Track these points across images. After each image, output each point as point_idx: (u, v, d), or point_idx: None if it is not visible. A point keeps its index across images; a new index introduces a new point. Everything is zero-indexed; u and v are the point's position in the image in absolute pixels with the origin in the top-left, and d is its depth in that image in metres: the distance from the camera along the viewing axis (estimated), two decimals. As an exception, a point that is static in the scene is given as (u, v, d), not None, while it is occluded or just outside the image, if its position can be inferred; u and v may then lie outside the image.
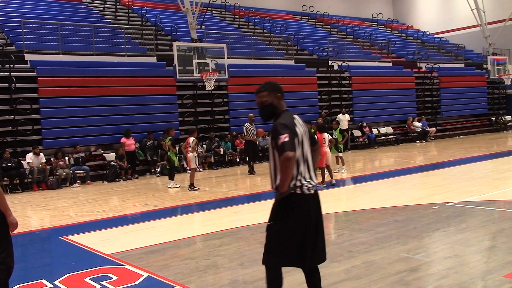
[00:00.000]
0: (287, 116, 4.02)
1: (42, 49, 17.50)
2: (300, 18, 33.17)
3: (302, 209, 3.94)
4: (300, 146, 3.95)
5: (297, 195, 3.93)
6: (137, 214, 10.37)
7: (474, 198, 9.64)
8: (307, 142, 4.05)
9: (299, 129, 3.97)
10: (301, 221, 3.93)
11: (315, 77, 22.97)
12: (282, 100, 4.16)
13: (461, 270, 5.42)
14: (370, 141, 22.94)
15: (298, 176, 3.93)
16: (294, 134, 3.90)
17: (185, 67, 17.32)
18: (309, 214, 3.96)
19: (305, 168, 3.98)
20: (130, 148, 16.49)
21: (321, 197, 4.15)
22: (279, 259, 4.00)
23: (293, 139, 3.85)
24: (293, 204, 3.93)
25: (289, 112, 4.10)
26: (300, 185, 3.93)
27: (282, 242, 3.96)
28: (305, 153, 4.01)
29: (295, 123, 3.98)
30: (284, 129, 3.85)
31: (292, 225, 3.93)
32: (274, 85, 4.22)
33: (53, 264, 7.04)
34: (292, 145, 3.81)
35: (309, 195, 3.97)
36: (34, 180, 14.61)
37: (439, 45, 34.58)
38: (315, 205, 4.05)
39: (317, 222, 4.06)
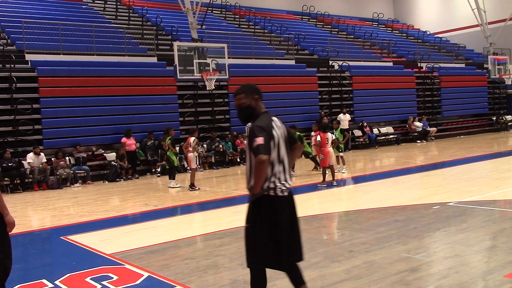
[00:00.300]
0: (265, 118, 4.02)
1: (42, 49, 17.52)
2: (300, 18, 33.17)
3: (275, 211, 3.95)
4: (276, 148, 3.96)
5: (270, 197, 3.95)
6: (138, 214, 10.37)
7: (475, 198, 9.63)
8: (284, 144, 4.06)
9: (276, 131, 3.98)
10: (274, 222, 3.94)
11: (315, 77, 22.98)
12: (260, 102, 4.16)
13: (461, 270, 5.42)
14: (370, 141, 22.93)
15: (272, 178, 3.95)
16: (270, 136, 3.91)
17: (186, 67, 17.33)
18: (282, 216, 3.97)
19: (280, 170, 3.99)
20: (131, 148, 16.50)
21: (320, 197, 4.16)
22: (257, 260, 4.03)
23: (269, 142, 3.87)
24: (266, 206, 3.95)
25: (268, 113, 4.11)
26: (274, 187, 3.95)
27: (257, 244, 3.99)
28: (281, 155, 4.01)
29: (272, 125, 3.99)
30: (260, 131, 3.86)
31: (265, 227, 3.95)
32: (251, 87, 4.22)
33: (53, 264, 7.04)
34: (266, 148, 3.82)
35: (282, 197, 3.98)
36: (35, 180, 14.62)
37: (440, 45, 34.57)
38: (289, 206, 4.06)
39: (292, 223, 4.08)
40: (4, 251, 4.54)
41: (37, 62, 16.67)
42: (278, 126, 4.05)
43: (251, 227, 4.03)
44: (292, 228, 4.07)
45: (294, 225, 4.11)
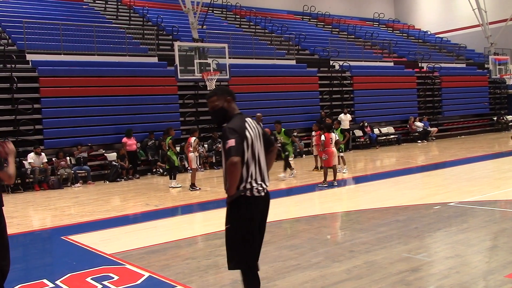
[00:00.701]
0: (238, 120, 4.03)
1: (43, 49, 17.53)
2: (301, 18, 33.17)
3: (251, 211, 3.99)
4: (250, 149, 3.97)
5: (246, 197, 3.97)
6: (138, 214, 10.38)
7: (476, 198, 9.63)
8: (259, 145, 4.07)
9: (249, 132, 3.99)
10: (250, 223, 3.99)
11: (316, 77, 22.97)
12: (233, 103, 4.18)
13: (462, 270, 5.42)
14: (371, 141, 22.92)
15: (248, 178, 3.97)
16: (243, 138, 3.92)
17: (187, 67, 17.34)
18: (256, 217, 4.03)
19: (256, 170, 4.01)
20: (132, 148, 16.51)
21: (321, 197, 4.18)
22: (238, 261, 4.04)
23: (240, 143, 3.88)
24: (242, 206, 3.98)
25: (242, 115, 4.13)
26: (250, 187, 3.97)
27: (237, 244, 4.01)
28: (256, 156, 4.02)
29: (245, 126, 4.00)
30: (232, 133, 3.89)
31: (243, 227, 3.98)
32: (223, 89, 4.28)
33: (54, 264, 7.05)
34: (237, 150, 3.84)
35: (258, 197, 4.02)
36: (36, 180, 14.63)
37: (441, 45, 34.55)
38: (264, 208, 4.11)
39: (262, 225, 4.14)
40: (1, 253, 4.53)
41: (38, 62, 16.67)
42: (252, 127, 4.06)
43: (230, 227, 4.05)
44: (260, 229, 4.13)
45: (262, 226, 4.17)
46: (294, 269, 5.78)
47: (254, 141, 4.02)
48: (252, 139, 4.00)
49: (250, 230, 3.98)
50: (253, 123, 4.10)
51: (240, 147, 3.88)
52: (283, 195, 11.69)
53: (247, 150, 3.95)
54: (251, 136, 3.99)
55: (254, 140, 4.01)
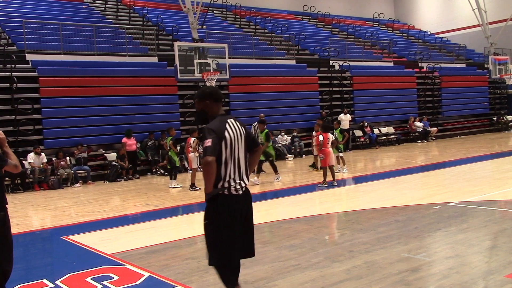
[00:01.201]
0: (218, 121, 4.16)
1: (43, 49, 17.52)
2: (301, 18, 33.17)
3: (228, 209, 4.10)
4: (228, 149, 4.09)
5: (223, 195, 4.10)
6: (138, 214, 10.38)
7: (475, 198, 9.63)
8: (241, 145, 4.19)
9: (229, 133, 4.10)
10: (228, 220, 4.09)
11: (316, 77, 22.97)
12: (215, 105, 4.27)
13: (462, 270, 5.42)
14: (371, 141, 22.92)
15: (227, 177, 4.09)
16: (220, 138, 4.04)
17: (186, 67, 17.33)
18: (235, 214, 4.13)
19: (235, 169, 4.13)
20: (131, 148, 16.51)
21: (321, 197, 4.19)
22: (216, 256, 4.16)
23: (217, 144, 4.00)
24: (220, 205, 4.10)
25: (224, 116, 4.25)
26: (228, 186, 4.09)
27: (214, 240, 4.13)
28: (236, 155, 4.14)
29: (225, 127, 4.11)
30: (209, 133, 4.03)
31: (219, 225, 4.10)
32: (202, 93, 4.33)
33: (54, 264, 7.05)
34: (213, 150, 3.97)
35: (236, 195, 4.14)
36: (36, 180, 14.63)
37: (440, 45, 34.55)
38: (243, 205, 4.21)
39: (246, 221, 4.24)
40: (4, 254, 4.53)
41: (38, 62, 16.67)
42: (234, 127, 4.18)
43: (207, 223, 4.17)
44: (246, 225, 4.25)
45: (248, 223, 4.28)
46: (294, 269, 5.78)
47: (234, 142, 4.13)
48: (232, 139, 4.11)
49: (228, 227, 4.09)
50: (235, 124, 4.21)
51: (216, 147, 4.00)
52: (283, 195, 11.70)
53: (225, 150, 4.07)
54: (231, 137, 4.11)
55: (234, 141, 4.13)
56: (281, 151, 19.52)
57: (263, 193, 12.14)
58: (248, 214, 4.28)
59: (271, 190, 12.48)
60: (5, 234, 4.57)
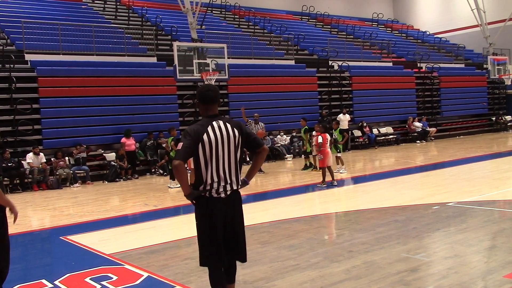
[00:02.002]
0: (200, 123, 4.16)
1: (42, 49, 17.50)
2: (300, 18, 33.17)
3: (205, 211, 4.15)
4: (208, 152, 4.06)
5: (203, 197, 4.15)
6: (137, 214, 10.38)
7: (474, 198, 9.64)
8: (226, 147, 4.12)
9: (210, 135, 4.06)
10: (206, 222, 4.16)
11: (315, 77, 22.98)
12: (202, 106, 4.26)
13: (461, 270, 5.42)
14: (370, 141, 22.93)
15: (208, 180, 4.11)
16: (196, 141, 4.02)
17: (185, 67, 17.31)
18: (214, 216, 4.14)
19: (218, 172, 4.11)
20: (130, 148, 16.50)
21: (320, 197, 4.20)
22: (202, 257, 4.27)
23: (188, 147, 4.00)
24: (201, 206, 4.19)
25: (212, 118, 4.18)
26: (209, 189, 4.11)
27: (199, 242, 4.26)
28: (220, 159, 4.11)
29: (206, 130, 4.07)
30: (183, 137, 4.08)
31: (200, 226, 4.22)
32: (198, 93, 4.34)
33: (53, 264, 7.04)
34: (182, 154, 3.98)
35: (217, 198, 4.14)
36: (34, 180, 14.61)
37: (439, 45, 34.57)
38: (225, 208, 4.19)
39: (231, 224, 4.23)
40: (1, 255, 4.53)
41: (37, 62, 16.66)
42: (219, 130, 4.12)
43: (196, 226, 4.26)
44: (228, 229, 4.22)
45: (234, 226, 4.25)
46: (293, 269, 5.78)
47: (217, 144, 4.08)
48: (212, 142, 4.06)
49: (208, 230, 4.15)
50: (222, 126, 4.15)
51: (188, 151, 4.01)
52: (283, 195, 11.69)
53: (204, 153, 4.06)
54: (211, 140, 4.06)
55: (215, 144, 4.08)
56: (280, 151, 19.53)
57: (262, 193, 12.14)
58: (233, 218, 4.25)
59: (271, 190, 12.48)
60: (3, 235, 4.57)
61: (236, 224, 4.27)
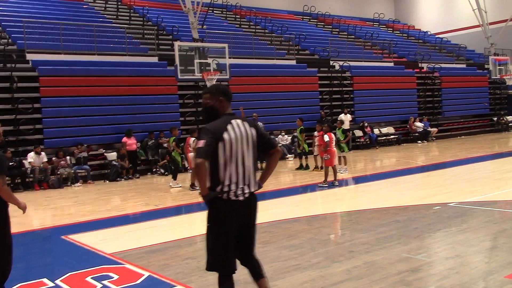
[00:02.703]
0: (219, 121, 4.00)
1: (43, 48, 17.53)
2: (301, 18, 33.17)
3: (224, 215, 3.94)
4: (228, 151, 3.90)
5: (221, 200, 3.93)
6: (138, 214, 10.38)
7: (476, 199, 9.63)
8: (246, 147, 3.99)
9: (230, 134, 3.92)
10: (221, 226, 3.94)
11: (316, 77, 22.97)
12: (226, 104, 4.14)
13: (462, 271, 5.42)
14: (371, 141, 22.92)
15: (226, 181, 3.91)
16: (217, 139, 3.86)
17: (187, 67, 17.33)
18: (231, 221, 3.95)
19: (237, 173, 3.94)
20: (132, 148, 16.51)
21: (321, 197, 4.18)
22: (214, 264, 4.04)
23: (209, 145, 3.83)
24: (217, 209, 3.96)
25: (229, 116, 4.08)
26: (227, 190, 3.92)
27: (210, 246, 4.02)
28: (239, 159, 3.95)
29: (226, 128, 3.93)
30: (204, 134, 3.88)
31: (215, 229, 3.98)
32: (218, 88, 4.21)
33: (54, 263, 7.05)
34: (204, 152, 3.81)
35: (235, 201, 3.94)
36: (36, 179, 14.63)
37: (441, 45, 34.55)
38: (243, 212, 4.02)
39: (247, 229, 4.09)
40: (3, 254, 4.55)
41: (38, 62, 16.67)
42: (238, 129, 3.99)
43: (207, 228, 4.05)
44: (244, 234, 4.08)
45: (250, 229, 4.12)
46: (294, 269, 5.78)
47: (236, 144, 3.93)
48: (232, 141, 3.91)
49: (222, 234, 3.94)
50: (241, 125, 4.03)
51: (209, 149, 3.83)
52: (284, 195, 11.69)
53: (224, 152, 3.89)
54: (231, 138, 3.91)
55: (236, 142, 3.93)
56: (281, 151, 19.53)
57: (263, 193, 12.12)
58: (249, 222, 4.10)
59: (272, 190, 12.48)
60: (6, 235, 4.59)
61: (250, 230, 4.13)
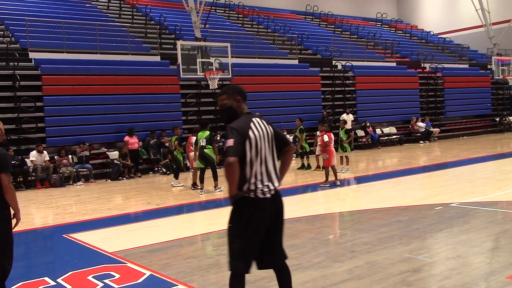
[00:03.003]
0: (242, 119, 3.99)
1: (46, 47, 17.56)
2: (304, 18, 33.15)
3: (253, 213, 3.90)
4: (254, 149, 3.90)
5: (249, 199, 3.91)
6: (140, 213, 10.39)
7: (478, 199, 9.61)
8: (267, 145, 4.00)
9: (254, 132, 3.92)
10: (252, 225, 3.90)
11: (318, 77, 22.95)
12: (243, 103, 4.14)
13: (464, 271, 5.41)
14: (373, 141, 22.91)
15: (252, 179, 3.90)
16: (244, 138, 3.87)
17: (189, 66, 17.34)
18: (262, 218, 3.93)
19: (262, 171, 3.94)
20: (133, 147, 16.53)
21: (322, 197, 4.17)
22: (239, 264, 3.96)
23: (239, 144, 3.83)
24: (245, 208, 3.92)
25: (250, 114, 4.08)
26: (254, 189, 3.90)
27: (237, 247, 3.94)
28: (262, 156, 3.95)
29: (250, 126, 3.94)
30: (232, 133, 3.86)
31: (241, 229, 3.92)
32: (234, 88, 4.20)
33: (56, 262, 7.07)
34: (235, 150, 3.79)
35: (263, 199, 3.93)
36: (38, 178, 14.66)
37: (443, 45, 34.50)
38: (271, 209, 4.00)
39: (275, 226, 4.04)
40: (5, 252, 4.57)
41: (41, 60, 16.69)
42: (259, 127, 3.99)
43: (232, 228, 3.99)
44: (272, 231, 4.04)
45: (277, 227, 4.08)
46: (295, 269, 5.76)
47: (260, 141, 3.94)
48: (257, 139, 3.92)
49: (250, 233, 3.90)
50: (261, 123, 4.03)
51: (239, 147, 3.83)
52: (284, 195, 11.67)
53: (250, 150, 3.89)
54: (256, 136, 3.92)
55: (259, 140, 3.94)
56: None
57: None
58: (277, 219, 4.05)
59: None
60: (8, 233, 4.61)
61: (277, 227, 4.08)
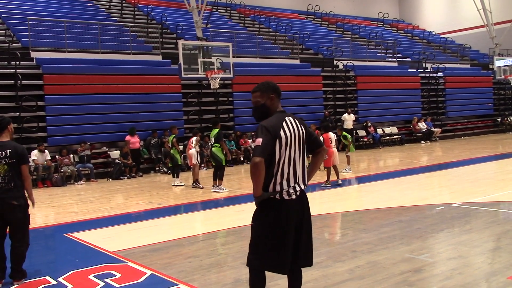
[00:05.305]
0: (274, 118, 3.91)
1: (48, 46, 17.56)
2: (305, 17, 33.15)
3: (278, 215, 3.85)
4: (284, 149, 3.83)
5: (275, 200, 3.86)
6: (141, 212, 10.40)
7: (479, 199, 9.61)
8: (298, 145, 3.93)
9: (285, 132, 3.85)
10: (278, 226, 3.84)
11: (320, 77, 22.94)
12: (277, 101, 4.05)
13: (465, 271, 5.41)
14: (374, 141, 22.89)
15: (278, 179, 3.84)
16: (275, 137, 3.78)
17: (190, 66, 17.34)
18: (287, 220, 3.86)
19: (289, 171, 3.87)
20: (135, 146, 16.53)
21: (324, 197, 4.17)
22: (257, 261, 3.95)
23: (268, 143, 3.75)
24: (270, 209, 3.87)
25: (283, 113, 4.00)
26: (280, 190, 3.84)
27: (260, 246, 3.91)
28: (292, 157, 3.88)
29: (282, 125, 3.86)
30: (261, 132, 3.78)
31: (268, 230, 3.87)
32: (268, 86, 4.07)
33: (57, 261, 7.07)
34: (262, 150, 3.72)
35: (289, 200, 3.87)
36: (39, 177, 14.67)
37: (445, 45, 34.47)
38: (297, 210, 3.93)
39: (300, 227, 3.96)
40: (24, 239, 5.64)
41: (42, 60, 16.70)
42: (292, 126, 3.91)
43: (256, 228, 3.96)
44: (300, 231, 3.96)
45: (303, 228, 3.99)
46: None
47: (291, 142, 3.86)
48: (288, 139, 3.84)
49: (273, 235, 3.84)
50: (294, 123, 3.95)
51: (267, 147, 3.75)
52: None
53: (279, 150, 3.81)
54: (287, 136, 3.84)
55: (291, 141, 3.86)
56: None
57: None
58: (303, 220, 3.96)
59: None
60: (25, 221, 5.42)
61: (304, 228, 3.98)
